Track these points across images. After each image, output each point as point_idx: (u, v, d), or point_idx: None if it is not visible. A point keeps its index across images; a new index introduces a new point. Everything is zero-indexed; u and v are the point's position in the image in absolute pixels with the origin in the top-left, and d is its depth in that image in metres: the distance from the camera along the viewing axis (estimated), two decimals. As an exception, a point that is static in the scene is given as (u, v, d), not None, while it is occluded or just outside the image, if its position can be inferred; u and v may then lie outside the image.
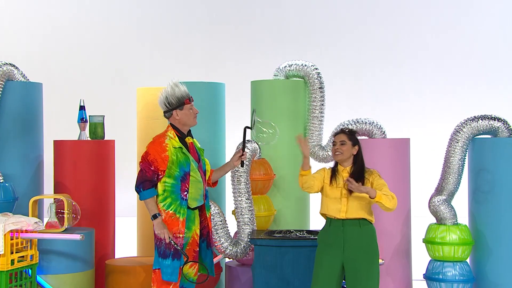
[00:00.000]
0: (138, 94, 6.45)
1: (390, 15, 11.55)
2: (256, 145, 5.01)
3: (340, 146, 3.80)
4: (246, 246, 4.83)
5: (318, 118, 5.43)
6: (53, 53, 11.53)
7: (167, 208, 3.82)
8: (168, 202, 3.83)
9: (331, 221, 3.75)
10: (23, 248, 4.49)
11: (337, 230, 3.71)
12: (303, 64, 5.46)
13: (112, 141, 5.56)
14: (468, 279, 4.79)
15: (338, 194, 3.73)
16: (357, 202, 3.71)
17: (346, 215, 3.70)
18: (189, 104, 3.94)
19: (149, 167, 3.82)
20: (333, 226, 3.73)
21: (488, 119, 4.85)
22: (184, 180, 3.83)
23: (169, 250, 3.80)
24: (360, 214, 3.71)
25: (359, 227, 3.70)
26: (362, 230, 3.70)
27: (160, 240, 3.82)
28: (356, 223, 3.70)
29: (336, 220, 3.73)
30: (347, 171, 3.79)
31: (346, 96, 10.84)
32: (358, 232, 3.70)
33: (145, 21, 11.79)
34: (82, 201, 5.19)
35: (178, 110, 3.92)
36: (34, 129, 5.31)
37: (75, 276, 4.80)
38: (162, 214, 3.83)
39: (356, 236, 3.69)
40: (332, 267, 3.70)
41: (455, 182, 4.90)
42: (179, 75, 7.07)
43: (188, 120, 3.93)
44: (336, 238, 3.71)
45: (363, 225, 3.71)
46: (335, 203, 3.73)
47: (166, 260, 3.80)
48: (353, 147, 3.81)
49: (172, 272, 3.80)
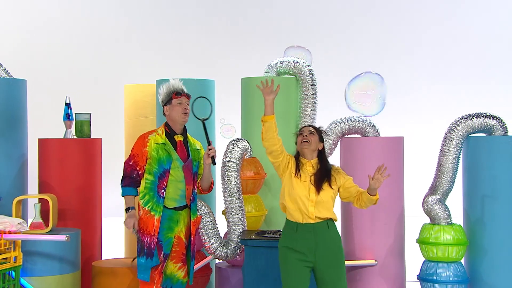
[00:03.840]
0: (126, 91, 6.38)
1: (384, 13, 11.55)
2: (246, 144, 4.94)
3: (308, 134, 3.66)
4: (237, 247, 4.78)
5: (310, 115, 5.38)
6: (38, 49, 11.40)
7: (145, 206, 3.83)
8: (146, 199, 3.82)
9: (297, 225, 3.57)
10: (6, 249, 4.43)
11: (307, 235, 3.56)
12: (294, 61, 5.40)
13: (99, 139, 5.53)
14: (462, 280, 4.76)
15: (306, 191, 3.57)
16: (325, 200, 3.58)
17: (316, 214, 3.55)
18: (176, 99, 3.89)
19: (128, 162, 3.86)
20: (301, 231, 3.56)
21: (483, 117, 4.83)
22: (162, 177, 3.81)
23: (145, 248, 3.79)
24: (327, 214, 3.59)
25: (328, 229, 3.58)
26: (330, 231, 3.59)
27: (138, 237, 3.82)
28: (325, 224, 3.58)
29: (304, 224, 3.56)
30: (311, 164, 3.65)
31: (338, 93, 10.79)
32: (328, 234, 3.58)
33: (133, 16, 11.68)
34: (68, 201, 5.16)
35: (167, 106, 3.92)
36: (18, 127, 5.22)
37: (61, 278, 4.75)
38: (140, 210, 3.84)
39: (326, 239, 3.57)
40: (303, 273, 3.57)
41: (449, 181, 4.88)
42: (168, 72, 6.98)
43: (176, 116, 3.89)
44: (308, 243, 3.55)
45: (330, 226, 3.60)
46: (303, 200, 3.55)
47: (141, 258, 3.81)
48: (319, 143, 3.69)
49: (144, 271, 3.79)
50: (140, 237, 3.82)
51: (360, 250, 4.83)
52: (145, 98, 6.15)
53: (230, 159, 4.79)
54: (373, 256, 4.84)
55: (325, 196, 3.59)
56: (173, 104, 3.87)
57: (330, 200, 3.61)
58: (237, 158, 4.81)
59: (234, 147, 4.84)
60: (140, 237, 3.80)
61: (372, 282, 4.82)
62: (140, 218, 3.81)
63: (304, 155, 3.68)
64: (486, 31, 11.45)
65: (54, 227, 4.86)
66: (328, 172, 3.65)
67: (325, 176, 3.62)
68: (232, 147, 4.84)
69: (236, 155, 4.81)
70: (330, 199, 3.61)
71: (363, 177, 4.84)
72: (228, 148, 4.86)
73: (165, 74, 6.37)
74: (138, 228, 3.82)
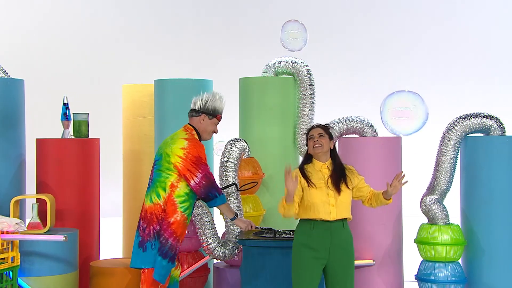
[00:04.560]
0: (124, 91, 6.37)
1: (382, 13, 11.54)
2: (244, 144, 4.94)
3: (319, 138, 3.64)
4: (235, 247, 4.77)
5: (308, 116, 5.38)
6: (36, 48, 11.37)
7: (184, 212, 3.81)
8: (186, 206, 3.81)
9: (314, 223, 3.58)
10: (4, 249, 4.40)
11: (323, 233, 3.56)
12: (292, 61, 5.40)
13: (97, 139, 5.51)
14: (460, 280, 4.76)
15: (325, 195, 3.57)
16: (344, 201, 3.60)
17: (336, 216, 3.58)
18: (217, 120, 3.95)
19: (208, 170, 3.82)
20: (318, 229, 3.57)
21: (481, 117, 4.83)
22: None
23: (171, 251, 3.77)
24: (346, 214, 3.62)
25: (343, 228, 3.60)
26: (345, 230, 3.61)
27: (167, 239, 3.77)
28: (340, 223, 3.60)
29: (321, 222, 3.57)
30: (326, 166, 3.64)
31: (336, 93, 10.81)
32: (343, 233, 3.60)
33: (132, 16, 11.67)
34: (66, 201, 5.14)
35: (207, 117, 3.90)
36: (16, 127, 5.21)
37: (58, 278, 4.73)
38: (179, 215, 3.79)
39: (342, 238, 3.59)
40: (317, 271, 3.59)
41: (447, 181, 4.88)
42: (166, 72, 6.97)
43: (206, 131, 3.92)
44: (323, 241, 3.56)
45: (345, 225, 3.62)
46: (323, 205, 3.56)
47: (164, 260, 3.76)
48: (330, 141, 3.68)
49: (165, 274, 3.77)
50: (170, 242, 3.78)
51: (358, 250, 4.83)
52: (143, 98, 6.14)
53: (228, 159, 4.79)
54: (371, 256, 4.84)
55: (344, 197, 3.60)
56: (213, 122, 3.91)
57: (349, 200, 3.64)
58: (235, 158, 4.81)
59: (232, 147, 4.83)
60: (171, 241, 3.77)
61: (370, 282, 4.82)
62: (177, 222, 3.78)
63: (318, 158, 3.67)
64: (485, 31, 11.45)
65: (52, 227, 4.83)
66: (343, 171, 3.65)
67: (341, 176, 3.62)
68: (230, 147, 4.84)
69: (234, 155, 4.81)
70: (349, 199, 3.63)
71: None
72: (226, 148, 4.86)
73: (163, 74, 6.36)
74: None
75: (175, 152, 3.78)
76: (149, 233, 3.80)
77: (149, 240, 3.79)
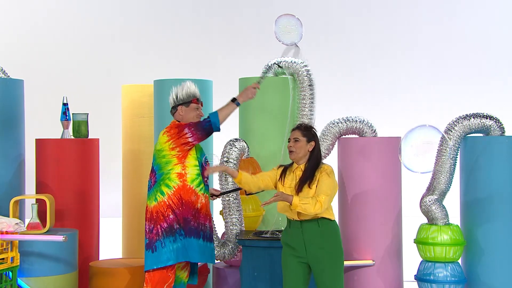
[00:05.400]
0: (123, 91, 6.37)
1: (381, 13, 11.54)
2: (244, 144, 4.93)
3: (293, 143, 3.68)
4: (234, 247, 4.76)
5: (308, 116, 5.36)
6: (35, 49, 11.37)
7: (205, 192, 3.86)
8: (202, 187, 3.85)
9: (290, 222, 3.68)
10: (3, 250, 4.39)
11: (296, 231, 3.63)
12: (292, 61, 5.38)
13: (96, 139, 5.51)
14: (459, 280, 4.75)
15: (289, 193, 3.61)
16: None
17: (299, 216, 3.61)
18: (195, 104, 3.94)
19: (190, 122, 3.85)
20: (293, 228, 3.66)
21: (480, 117, 4.83)
22: (203, 167, 3.88)
23: (211, 232, 3.91)
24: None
25: (318, 227, 3.61)
26: (322, 229, 3.61)
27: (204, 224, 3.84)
28: (315, 223, 3.61)
29: (294, 221, 3.65)
30: (301, 169, 3.68)
31: (336, 94, 10.80)
32: (317, 232, 3.61)
33: (131, 16, 11.66)
34: (66, 202, 5.15)
35: (183, 106, 3.92)
36: (15, 127, 5.21)
37: (58, 278, 4.72)
38: (202, 198, 3.83)
39: (316, 236, 3.61)
40: (298, 269, 3.64)
41: (446, 182, 4.87)
42: (166, 72, 6.96)
43: (188, 119, 3.92)
44: (297, 239, 3.63)
45: (322, 225, 3.61)
46: (286, 205, 3.62)
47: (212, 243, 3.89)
48: (309, 143, 3.68)
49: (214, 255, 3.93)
50: (208, 224, 3.85)
51: (358, 250, 4.83)
52: (143, 98, 6.14)
53: (228, 159, 4.79)
54: (370, 256, 4.83)
55: (305, 196, 3.58)
56: (190, 108, 3.91)
57: None
58: (235, 158, 4.80)
59: (232, 147, 4.83)
60: (209, 223, 3.84)
61: (369, 283, 4.82)
62: (205, 204, 3.83)
63: (295, 161, 3.74)
64: (484, 31, 11.45)
65: (51, 228, 4.83)
66: (311, 173, 3.63)
67: (307, 178, 3.61)
68: (230, 147, 4.84)
69: (234, 155, 4.81)
70: None
71: (361, 178, 4.84)
72: (225, 148, 4.85)
73: (162, 75, 6.36)
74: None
75: (161, 142, 3.85)
76: (157, 232, 3.78)
77: (158, 240, 3.78)
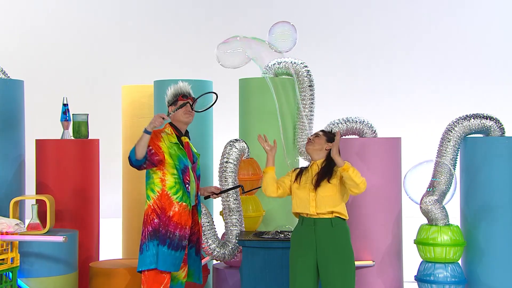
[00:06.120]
0: (123, 92, 6.37)
1: (381, 13, 11.54)
2: (244, 144, 4.93)
3: (313, 136, 3.78)
4: (234, 248, 4.76)
5: (308, 116, 5.37)
6: (35, 49, 11.37)
7: (180, 201, 3.81)
8: (180, 195, 3.81)
9: (303, 219, 3.69)
10: (4, 250, 4.39)
11: (308, 229, 3.64)
12: (292, 62, 5.39)
13: (96, 140, 5.51)
14: (460, 281, 4.75)
15: (306, 190, 3.67)
16: (326, 196, 3.62)
17: (316, 210, 3.61)
18: (182, 101, 3.94)
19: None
20: (305, 225, 3.66)
21: (480, 118, 4.83)
22: (184, 172, 3.83)
23: (182, 241, 3.78)
24: (331, 208, 3.61)
25: (331, 226, 3.62)
26: (334, 229, 3.62)
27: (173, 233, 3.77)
28: (328, 222, 3.62)
29: (307, 218, 3.66)
30: (317, 164, 3.72)
31: (336, 94, 10.80)
32: (330, 231, 3.61)
33: (131, 17, 11.66)
34: (66, 202, 5.14)
35: (172, 106, 3.95)
36: (15, 127, 5.20)
37: (58, 279, 4.72)
38: (176, 206, 3.79)
39: (328, 236, 3.61)
40: (307, 268, 3.62)
41: (446, 182, 4.86)
42: (166, 73, 6.97)
43: (180, 116, 3.92)
44: (308, 238, 3.63)
45: (335, 224, 3.63)
46: (303, 201, 3.67)
47: (176, 252, 3.79)
48: (327, 143, 3.74)
49: (179, 263, 3.78)
50: (178, 233, 3.78)
51: (358, 251, 4.82)
52: (143, 99, 6.14)
53: (228, 160, 4.78)
54: (370, 257, 4.83)
55: (323, 191, 3.62)
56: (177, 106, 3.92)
57: (331, 195, 3.62)
58: (235, 159, 4.80)
59: (232, 147, 4.83)
60: (178, 232, 3.78)
61: (369, 283, 4.82)
62: (178, 213, 3.79)
63: (311, 156, 3.77)
64: (484, 31, 11.45)
65: (52, 228, 4.83)
66: (330, 168, 3.67)
67: (326, 174, 3.65)
68: (230, 148, 4.83)
69: (234, 156, 4.80)
70: (331, 194, 3.62)
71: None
72: (225, 149, 4.85)
73: (162, 75, 6.36)
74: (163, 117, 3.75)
75: None
76: (144, 235, 3.82)
77: (145, 242, 3.80)
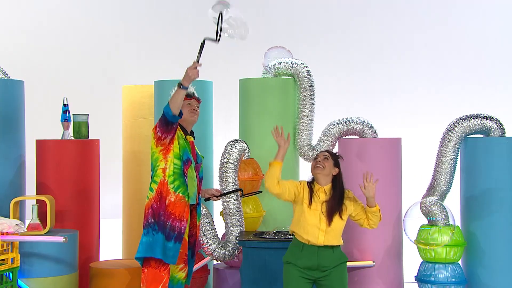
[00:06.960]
0: (124, 92, 6.37)
1: (381, 13, 11.53)
2: (244, 145, 4.93)
3: (323, 160, 3.67)
4: (234, 248, 4.76)
5: (308, 117, 5.37)
6: (35, 49, 11.37)
7: (176, 191, 3.78)
8: (177, 185, 3.79)
9: (303, 246, 3.63)
10: (4, 251, 4.39)
11: (310, 255, 3.62)
12: (292, 62, 5.39)
13: (97, 140, 5.50)
14: (460, 281, 4.75)
15: (317, 220, 3.60)
16: (336, 229, 3.63)
17: (324, 242, 3.61)
18: (186, 100, 3.96)
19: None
20: (306, 251, 3.62)
21: (480, 118, 4.83)
22: (185, 164, 3.82)
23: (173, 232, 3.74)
24: (337, 242, 3.65)
25: (332, 252, 3.64)
26: (335, 254, 3.65)
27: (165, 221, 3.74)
28: (330, 249, 3.64)
29: (309, 246, 3.62)
30: (324, 190, 3.64)
31: (336, 94, 10.80)
32: (332, 257, 3.64)
33: (131, 17, 11.66)
34: (66, 202, 5.14)
35: None
36: (16, 128, 5.20)
37: (58, 279, 4.72)
38: (172, 195, 3.77)
39: (330, 259, 3.63)
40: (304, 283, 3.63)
41: (447, 183, 4.88)
42: (166, 73, 6.98)
43: (185, 115, 3.92)
44: (309, 261, 3.62)
45: (335, 250, 3.66)
46: (313, 229, 3.60)
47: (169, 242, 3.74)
48: (334, 168, 3.68)
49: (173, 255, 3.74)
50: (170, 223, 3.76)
51: (358, 251, 4.83)
52: (143, 99, 6.13)
53: (228, 160, 4.78)
54: (371, 257, 4.83)
55: (336, 226, 3.61)
56: (183, 105, 3.91)
57: (340, 229, 3.65)
58: (235, 159, 4.80)
59: (232, 148, 4.83)
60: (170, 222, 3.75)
61: (370, 283, 4.82)
62: (173, 203, 3.76)
63: (317, 180, 3.68)
64: (484, 31, 11.45)
65: (52, 229, 4.83)
66: (340, 201, 3.63)
67: (337, 207, 3.61)
68: (230, 148, 4.83)
69: (234, 156, 4.80)
70: (340, 228, 3.65)
71: (361, 179, 4.84)
72: (226, 149, 4.85)
73: (163, 75, 6.35)
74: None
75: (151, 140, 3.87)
76: (144, 226, 3.83)
77: (144, 234, 3.81)
